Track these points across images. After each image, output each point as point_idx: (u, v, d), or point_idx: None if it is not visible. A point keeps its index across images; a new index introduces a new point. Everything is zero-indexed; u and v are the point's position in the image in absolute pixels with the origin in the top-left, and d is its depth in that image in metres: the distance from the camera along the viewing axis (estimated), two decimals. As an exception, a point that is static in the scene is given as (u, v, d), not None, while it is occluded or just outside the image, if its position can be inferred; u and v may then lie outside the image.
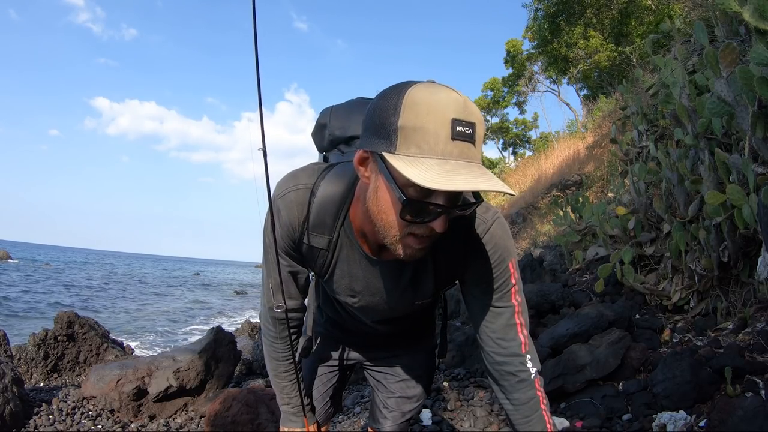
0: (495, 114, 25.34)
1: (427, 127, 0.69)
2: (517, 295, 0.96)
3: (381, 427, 1.35)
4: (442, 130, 0.69)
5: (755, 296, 2.45)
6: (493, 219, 0.93)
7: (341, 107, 1.16)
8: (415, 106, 0.70)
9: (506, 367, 0.97)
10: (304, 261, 1.02)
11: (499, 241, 0.93)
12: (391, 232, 0.79)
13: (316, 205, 0.93)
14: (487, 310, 0.96)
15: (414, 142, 0.70)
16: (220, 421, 2.69)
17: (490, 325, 0.97)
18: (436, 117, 0.69)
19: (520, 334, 0.96)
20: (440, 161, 0.68)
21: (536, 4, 13.93)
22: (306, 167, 0.98)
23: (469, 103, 0.72)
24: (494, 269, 0.93)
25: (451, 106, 0.70)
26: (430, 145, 0.69)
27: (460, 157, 0.69)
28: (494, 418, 2.55)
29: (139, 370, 3.41)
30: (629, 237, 3.49)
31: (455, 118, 0.69)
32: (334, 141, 1.14)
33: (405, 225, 0.77)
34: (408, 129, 0.70)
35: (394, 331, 1.23)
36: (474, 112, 0.72)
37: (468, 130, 0.70)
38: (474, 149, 0.71)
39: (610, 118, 8.01)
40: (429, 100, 0.70)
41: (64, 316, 4.43)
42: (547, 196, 8.71)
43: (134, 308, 14.51)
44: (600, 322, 2.75)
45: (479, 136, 0.73)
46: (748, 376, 1.96)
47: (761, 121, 2.18)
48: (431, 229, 0.76)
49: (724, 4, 2.43)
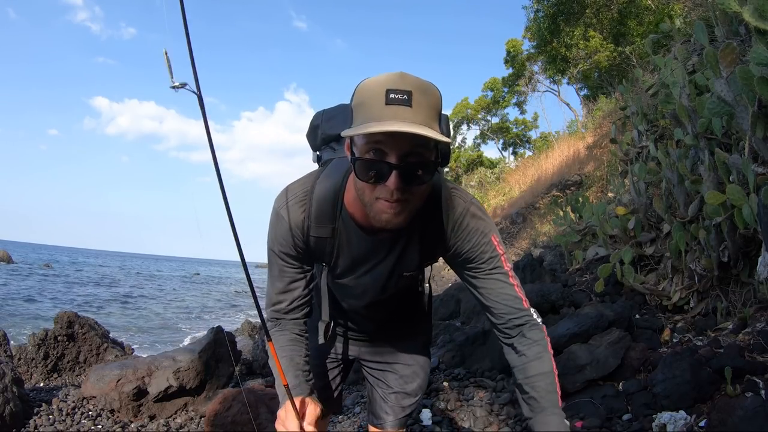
0: (495, 114, 25.31)
1: (367, 101, 0.87)
2: (507, 262, 1.08)
3: (383, 422, 1.40)
4: (377, 99, 0.85)
5: (755, 296, 2.45)
6: (470, 200, 1.08)
7: (331, 110, 1.30)
8: (362, 89, 0.89)
9: (515, 321, 1.08)
10: (312, 255, 1.12)
11: (479, 219, 1.07)
12: (365, 198, 0.93)
13: (315, 200, 1.06)
14: (484, 279, 1.08)
15: (360, 114, 0.88)
16: (220, 421, 2.69)
17: (491, 291, 1.07)
18: (373, 91, 0.86)
19: (520, 293, 1.08)
20: (375, 123, 0.83)
21: (536, 5, 13.92)
22: (300, 178, 1.12)
23: (407, 77, 0.86)
24: (480, 243, 1.06)
25: (385, 81, 0.85)
26: (370, 113, 0.86)
27: (395, 118, 0.83)
28: (494, 418, 2.55)
29: (139, 370, 3.41)
30: (629, 237, 3.49)
31: (389, 88, 0.84)
32: (326, 139, 1.28)
33: (370, 188, 0.91)
34: (356, 106, 0.90)
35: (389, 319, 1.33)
36: (410, 82, 0.85)
37: (402, 96, 0.84)
38: (410, 111, 0.84)
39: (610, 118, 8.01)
40: (370, 81, 0.88)
41: (64, 316, 4.43)
42: (547, 196, 8.71)
43: (134, 308, 14.51)
44: (600, 322, 2.75)
45: (418, 101, 0.85)
46: (748, 376, 1.96)
47: (761, 121, 2.18)
48: (391, 190, 0.88)
49: (724, 4, 2.43)
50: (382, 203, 0.91)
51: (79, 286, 20.42)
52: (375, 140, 0.86)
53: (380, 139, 0.85)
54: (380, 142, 0.86)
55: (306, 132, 1.35)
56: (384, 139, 0.85)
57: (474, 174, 20.31)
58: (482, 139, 26.17)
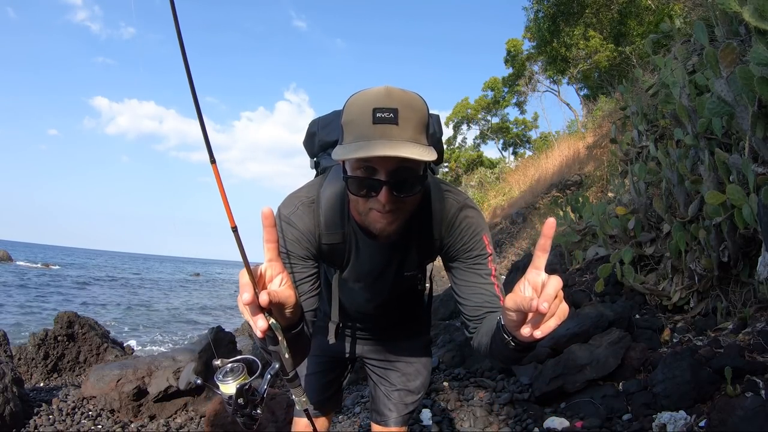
0: (495, 114, 25.31)
1: (355, 119, 0.90)
2: (492, 263, 1.11)
3: (386, 419, 1.42)
4: (364, 118, 0.88)
5: (755, 296, 2.45)
6: (464, 200, 1.12)
7: (327, 117, 1.34)
8: (350, 106, 0.93)
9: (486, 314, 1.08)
10: (324, 260, 1.16)
11: (472, 218, 1.10)
12: (359, 209, 0.98)
13: (323, 209, 1.09)
14: (466, 271, 1.11)
15: (349, 132, 0.91)
16: (220, 421, 2.69)
17: (471, 286, 1.10)
18: (360, 109, 0.89)
19: (499, 293, 1.10)
20: (363, 142, 0.87)
21: (536, 6, 13.90)
22: (304, 186, 1.15)
23: (393, 93, 0.89)
24: (471, 241, 1.09)
25: (373, 99, 0.88)
26: (358, 132, 0.89)
27: (382, 137, 0.87)
28: (494, 418, 2.55)
29: (139, 370, 3.41)
30: (629, 237, 3.49)
31: (375, 107, 0.87)
32: (323, 145, 1.31)
33: (363, 201, 0.95)
34: (345, 124, 0.93)
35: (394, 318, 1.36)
36: (397, 98, 0.88)
37: (388, 115, 0.87)
38: (397, 128, 0.87)
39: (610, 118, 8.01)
40: (358, 98, 0.92)
41: (64, 316, 4.43)
42: (547, 196, 8.71)
43: (135, 308, 14.50)
44: (600, 322, 2.75)
45: (404, 117, 0.88)
46: (748, 376, 1.96)
47: (761, 121, 2.18)
48: (382, 203, 0.92)
49: (724, 4, 2.43)
50: (375, 214, 0.95)
51: (79, 285, 20.41)
52: (364, 159, 0.90)
53: (369, 158, 0.89)
54: (369, 161, 0.90)
55: (303, 140, 1.39)
56: (372, 158, 0.89)
57: (474, 174, 20.30)
58: (482, 139, 26.18)
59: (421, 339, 1.46)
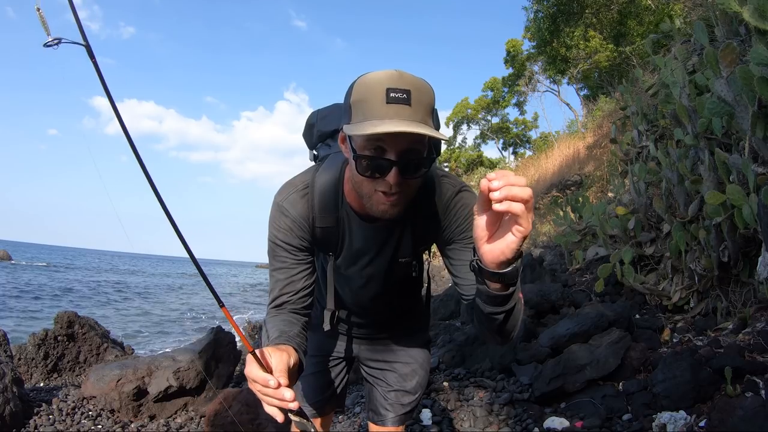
0: (495, 114, 25.34)
1: (367, 98, 0.89)
2: None
3: (383, 419, 1.41)
4: (378, 98, 0.88)
5: (755, 296, 2.45)
6: (461, 185, 1.12)
7: (325, 109, 1.35)
8: (360, 86, 0.92)
9: None
10: (319, 245, 1.16)
11: (468, 201, 1.10)
12: (363, 191, 0.97)
13: (317, 194, 1.10)
14: (465, 253, 1.09)
15: (360, 111, 0.90)
16: (220, 421, 2.69)
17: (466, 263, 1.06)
18: (373, 89, 0.89)
19: None
20: (377, 121, 0.86)
21: (535, 6, 13.90)
22: (299, 174, 1.16)
23: (405, 75, 0.89)
24: (466, 222, 1.08)
25: (386, 79, 0.88)
26: (371, 111, 0.88)
27: (396, 117, 0.87)
28: (494, 418, 2.55)
29: (139, 370, 3.41)
30: (629, 237, 3.49)
31: (389, 87, 0.87)
32: (321, 136, 1.33)
33: (369, 182, 0.94)
34: (355, 103, 0.91)
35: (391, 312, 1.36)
36: (409, 81, 0.89)
37: (402, 95, 0.87)
38: (410, 109, 0.87)
39: (610, 118, 8.01)
40: (370, 78, 0.91)
41: (64, 316, 4.43)
42: (547, 196, 8.70)
43: (135, 308, 14.50)
44: (600, 322, 2.75)
45: (417, 99, 0.88)
46: (748, 376, 1.96)
47: (761, 121, 2.18)
48: (390, 184, 0.92)
49: (724, 4, 2.43)
50: (380, 195, 0.95)
51: (79, 285, 20.40)
52: (376, 138, 0.89)
53: (381, 137, 0.88)
54: (381, 140, 0.89)
55: (302, 132, 1.40)
56: (385, 138, 0.88)
57: (474, 174, 20.30)
58: (482, 139, 26.21)
59: (419, 337, 1.44)
